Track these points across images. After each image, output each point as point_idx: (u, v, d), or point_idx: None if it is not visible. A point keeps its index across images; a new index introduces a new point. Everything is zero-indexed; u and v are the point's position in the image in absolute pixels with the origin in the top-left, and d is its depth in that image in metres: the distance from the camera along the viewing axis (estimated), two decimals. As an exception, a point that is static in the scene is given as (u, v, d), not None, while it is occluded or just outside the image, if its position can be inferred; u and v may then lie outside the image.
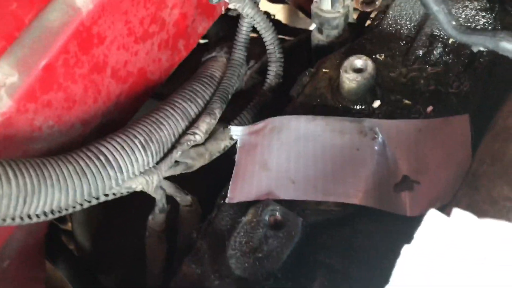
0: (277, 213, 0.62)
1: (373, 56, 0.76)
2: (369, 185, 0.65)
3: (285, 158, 0.68)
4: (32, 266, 0.90)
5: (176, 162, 0.77)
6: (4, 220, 0.58)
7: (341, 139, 0.69)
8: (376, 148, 0.68)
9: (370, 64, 0.70)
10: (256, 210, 0.62)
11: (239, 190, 0.67)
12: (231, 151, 0.82)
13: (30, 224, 0.80)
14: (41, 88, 0.69)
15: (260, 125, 0.74)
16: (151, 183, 0.73)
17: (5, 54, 0.65)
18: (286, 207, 0.64)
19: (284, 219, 0.61)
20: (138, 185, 0.72)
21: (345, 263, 0.62)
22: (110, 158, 0.69)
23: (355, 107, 0.74)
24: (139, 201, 0.86)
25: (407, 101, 0.73)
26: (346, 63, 0.71)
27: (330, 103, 0.75)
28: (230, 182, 0.69)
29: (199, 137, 0.78)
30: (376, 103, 0.73)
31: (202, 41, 1.06)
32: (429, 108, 0.72)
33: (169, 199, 0.78)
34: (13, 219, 0.59)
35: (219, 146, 0.81)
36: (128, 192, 0.73)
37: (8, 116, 0.66)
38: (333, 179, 0.65)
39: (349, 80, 0.69)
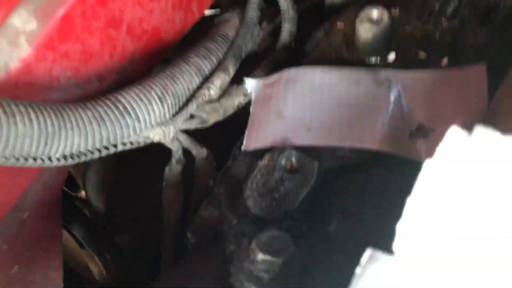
0: (293, 158, 0.63)
1: (388, 10, 0.76)
2: (385, 131, 0.65)
3: (300, 108, 0.69)
4: (49, 220, 0.92)
5: (192, 116, 0.78)
6: (26, 159, 0.59)
7: (357, 90, 0.69)
8: (391, 98, 0.68)
9: (386, 15, 0.70)
10: (272, 155, 0.63)
11: (254, 138, 0.68)
12: (246, 109, 0.82)
13: (48, 174, 0.82)
14: (59, 38, 0.70)
15: (275, 77, 0.74)
16: (168, 134, 0.74)
17: (24, 1, 0.66)
18: (301, 152, 0.65)
19: (300, 164, 0.62)
20: (155, 135, 0.73)
21: (359, 208, 0.63)
22: (128, 106, 0.70)
23: (370, 59, 0.74)
24: (152, 162, 0.88)
25: (422, 54, 0.73)
26: (362, 14, 0.71)
27: (345, 57, 0.75)
28: (246, 132, 0.70)
29: (213, 92, 0.79)
30: (391, 56, 0.74)
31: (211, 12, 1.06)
32: (445, 61, 0.72)
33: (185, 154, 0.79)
34: (34, 159, 0.60)
35: (233, 102, 0.82)
36: (145, 142, 0.74)
37: (27, 62, 0.67)
38: (348, 126, 0.66)
39: (365, 31, 0.70)
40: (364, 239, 0.58)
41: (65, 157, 0.64)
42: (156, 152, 0.80)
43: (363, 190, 0.64)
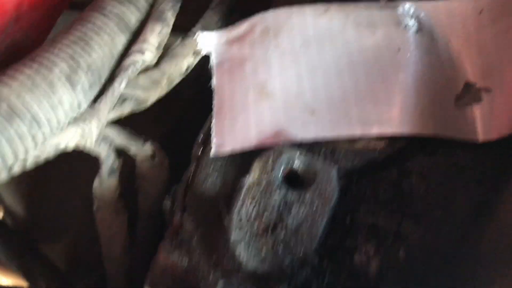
0: (296, 163, 0.40)
1: None
2: (423, 102, 0.44)
3: (293, 76, 0.45)
4: None
5: (122, 97, 0.52)
6: None
7: (372, 37, 0.46)
8: (423, 45, 0.46)
9: None
10: (264, 163, 0.40)
11: (229, 134, 0.44)
12: (199, 71, 0.58)
13: None
14: None
15: (243, 27, 0.49)
16: (90, 135, 0.49)
17: None
18: (306, 150, 0.42)
19: (309, 172, 0.40)
20: (69, 140, 0.47)
21: (394, 220, 0.43)
22: (18, 103, 0.44)
23: (379, -14, 0.50)
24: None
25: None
26: None
27: (341, -16, 0.51)
28: (212, 122, 0.46)
29: (149, 55, 0.54)
30: (410, -22, 0.50)
31: None
32: (485, -21, 0.50)
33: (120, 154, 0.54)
34: None
35: (180, 66, 0.57)
36: (57, 152, 0.48)
37: None
38: (371, 99, 0.43)
39: None
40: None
41: None
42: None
43: (397, 193, 0.44)
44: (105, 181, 0.54)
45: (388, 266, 0.41)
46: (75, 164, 0.78)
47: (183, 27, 0.65)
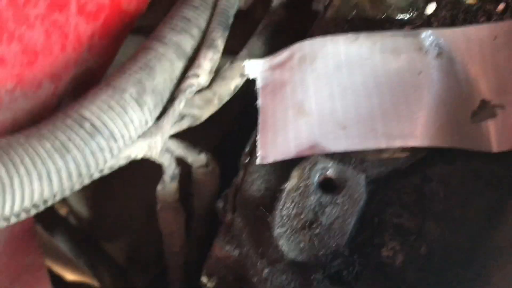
0: (329, 171, 0.47)
1: None
2: (442, 118, 0.50)
3: (327, 96, 0.52)
4: (25, 253, 0.77)
5: (180, 114, 0.61)
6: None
7: (396, 62, 0.52)
8: (442, 67, 0.52)
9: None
10: (302, 171, 0.47)
11: (271, 146, 0.52)
12: (244, 90, 0.65)
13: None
14: (-15, 42, 0.51)
15: (284, 54, 0.57)
16: (155, 147, 0.57)
17: None
18: (338, 160, 0.49)
19: (341, 179, 0.47)
20: (139, 152, 0.56)
21: (417, 220, 0.49)
22: (97, 123, 0.52)
23: (403, 16, 0.56)
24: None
25: (470, 0, 0.56)
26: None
27: (370, 14, 0.58)
28: (257, 136, 0.54)
29: (203, 79, 0.61)
30: (431, 8, 0.56)
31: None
32: (501, 6, 0.55)
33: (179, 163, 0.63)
34: (-17, 227, 0.44)
35: (228, 86, 0.64)
36: (128, 161, 0.57)
37: None
38: (395, 116, 0.50)
39: (400, -20, 0.52)
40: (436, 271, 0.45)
41: (26, 210, 0.48)
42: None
43: (419, 197, 0.50)
44: (168, 185, 0.62)
45: (412, 260, 0.47)
46: (134, 172, 0.87)
47: (231, 50, 0.73)
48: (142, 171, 0.81)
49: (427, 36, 0.53)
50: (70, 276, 1.07)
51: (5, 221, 0.46)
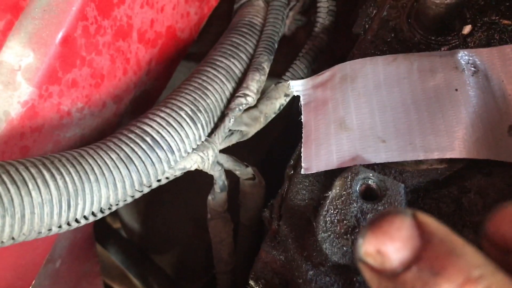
0: (371, 181, 0.50)
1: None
2: (478, 132, 0.52)
3: (367, 113, 0.56)
4: (84, 260, 0.83)
5: (230, 131, 0.66)
6: (49, 230, 0.49)
7: (433, 80, 0.55)
8: (479, 84, 0.54)
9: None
10: (345, 180, 0.51)
11: (315, 158, 0.56)
12: (288, 110, 0.70)
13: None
14: (62, 66, 0.58)
15: (326, 74, 0.61)
16: (207, 160, 0.62)
17: (14, 30, 0.53)
18: (378, 172, 0.52)
19: (382, 188, 0.50)
20: (193, 164, 0.61)
21: (455, 229, 0.51)
22: (157, 137, 0.58)
23: (440, 37, 0.60)
24: (189, 176, 0.77)
25: (506, 21, 0.59)
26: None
27: (407, 37, 0.61)
28: (301, 149, 0.58)
29: (251, 99, 0.66)
30: (467, 29, 0.59)
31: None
32: (535, 26, 0.58)
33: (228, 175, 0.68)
34: (59, 226, 0.50)
35: (274, 106, 0.69)
36: (182, 173, 0.62)
37: (30, 104, 0.55)
38: (433, 131, 0.53)
39: (436, 5, 0.55)
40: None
41: (93, 213, 0.53)
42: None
43: (457, 207, 0.52)
44: (218, 195, 0.67)
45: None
46: (181, 188, 0.92)
47: (276, 73, 0.78)
48: (189, 187, 0.86)
49: (463, 55, 0.56)
50: (119, 287, 1.12)
51: (76, 223, 0.52)
